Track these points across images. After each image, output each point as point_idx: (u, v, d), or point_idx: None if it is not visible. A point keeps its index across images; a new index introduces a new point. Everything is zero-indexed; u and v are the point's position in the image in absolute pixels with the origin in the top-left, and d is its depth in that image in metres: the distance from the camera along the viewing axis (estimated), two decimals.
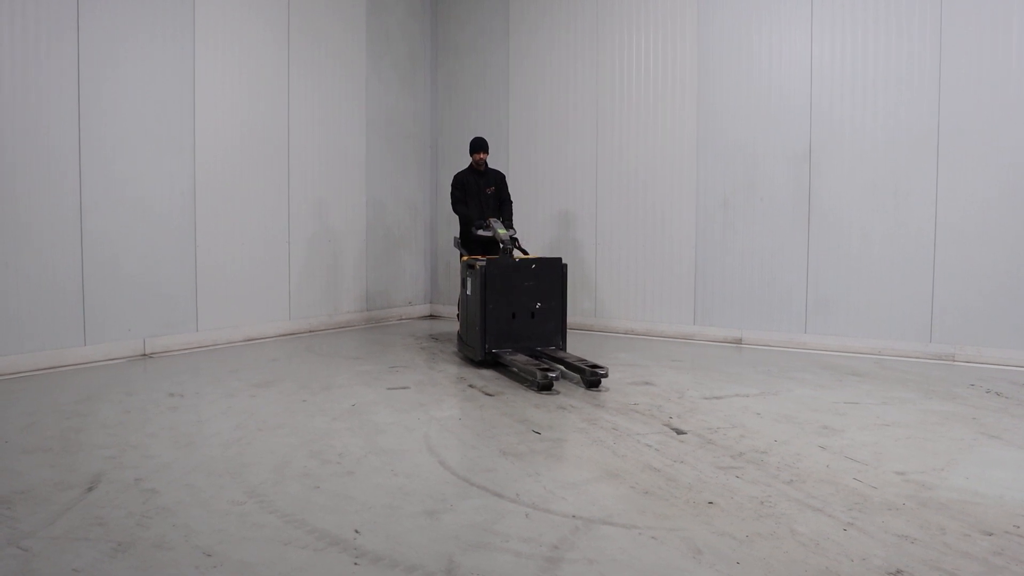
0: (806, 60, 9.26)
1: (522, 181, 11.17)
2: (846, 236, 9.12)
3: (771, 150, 9.50)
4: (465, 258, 8.45)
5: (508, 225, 9.02)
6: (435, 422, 5.97)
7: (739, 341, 9.72)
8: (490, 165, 11.55)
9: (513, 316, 7.93)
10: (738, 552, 3.70)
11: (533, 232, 11.02)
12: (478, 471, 4.84)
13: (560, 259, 8.21)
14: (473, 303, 8.04)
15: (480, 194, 9.32)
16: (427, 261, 12.40)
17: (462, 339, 8.53)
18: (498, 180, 9.50)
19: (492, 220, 8.70)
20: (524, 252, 8.71)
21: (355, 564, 3.52)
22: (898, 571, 3.51)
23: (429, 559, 3.57)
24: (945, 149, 8.56)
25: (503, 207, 9.43)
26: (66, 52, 7.71)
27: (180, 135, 8.73)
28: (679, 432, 5.73)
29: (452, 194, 9.39)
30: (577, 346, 9.20)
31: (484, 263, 7.84)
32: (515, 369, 7.66)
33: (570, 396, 6.86)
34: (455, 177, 9.46)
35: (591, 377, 7.06)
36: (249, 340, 9.50)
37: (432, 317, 12.11)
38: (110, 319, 8.16)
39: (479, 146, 9.34)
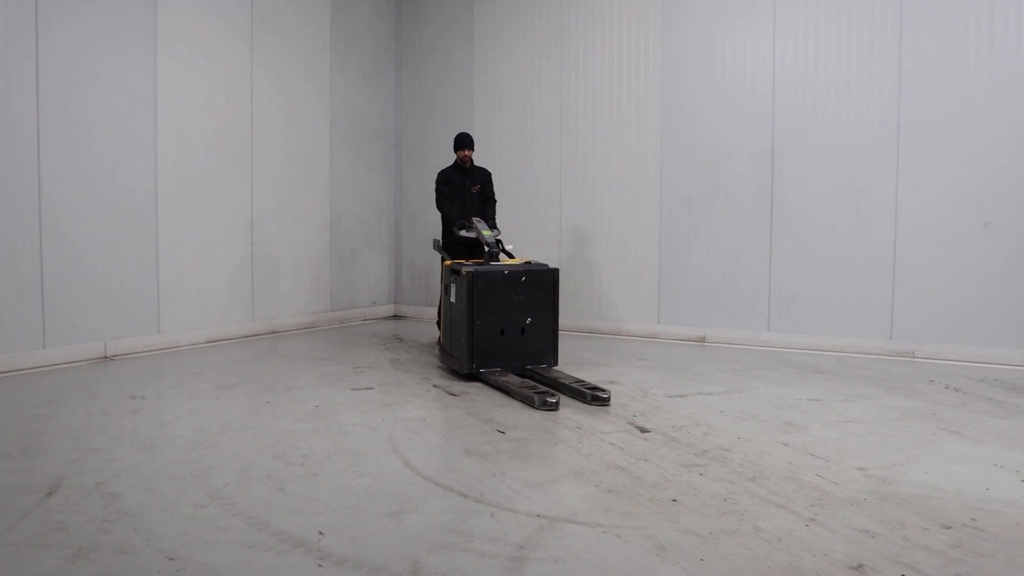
0: (769, 60, 9.33)
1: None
2: (809, 234, 9.20)
3: (734, 149, 9.56)
4: (449, 262, 7.87)
5: (492, 225, 8.47)
6: (400, 423, 5.96)
7: (703, 339, 9.77)
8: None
9: (502, 332, 7.39)
10: (702, 549, 3.72)
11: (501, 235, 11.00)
12: (443, 471, 4.84)
13: (551, 268, 7.65)
14: (458, 314, 7.47)
15: (465, 193, 8.85)
16: (391, 261, 12.36)
17: (445, 350, 7.90)
18: (484, 179, 9.04)
19: (475, 220, 8.27)
20: (509, 255, 8.20)
21: (319, 566, 3.51)
22: (859, 565, 3.55)
23: (394, 560, 3.57)
24: (905, 148, 8.66)
25: (486, 206, 8.97)
26: (25, 47, 7.61)
27: (143, 133, 8.64)
28: (643, 430, 5.75)
29: (437, 190, 8.85)
30: None
31: (472, 270, 7.28)
32: (507, 391, 6.92)
33: None
34: (440, 173, 8.94)
35: (592, 403, 6.52)
36: (212, 342, 9.44)
37: (396, 318, 12.08)
38: (70, 321, 8.07)
39: (464, 142, 8.89)
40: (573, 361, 8.42)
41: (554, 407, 6.32)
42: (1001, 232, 8.29)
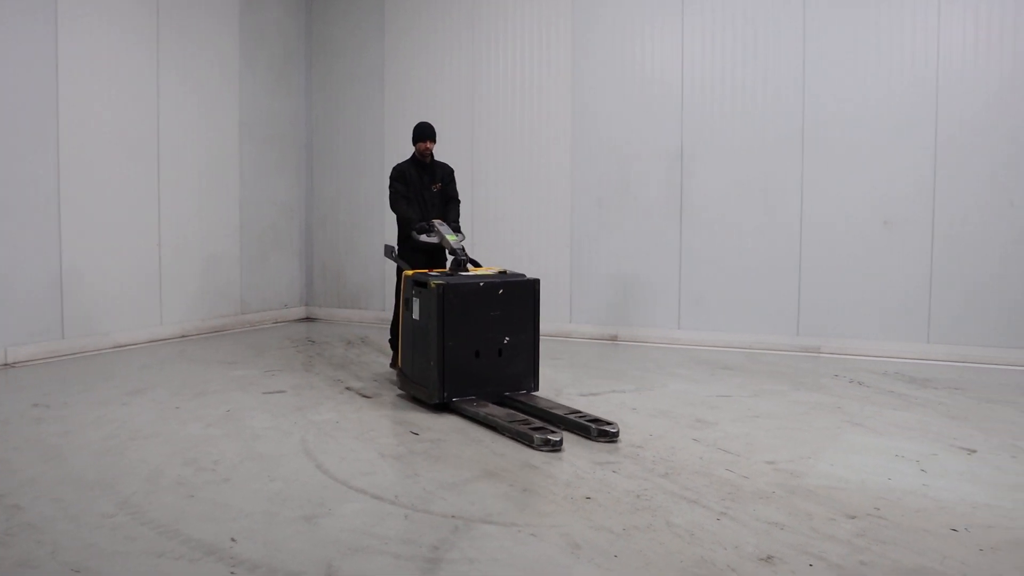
0: (677, 62, 9.46)
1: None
2: (718, 233, 9.36)
3: (644, 150, 9.68)
4: (410, 272, 6.84)
5: (456, 229, 7.45)
6: (313, 426, 5.91)
7: (615, 338, 9.87)
8: (368, 166, 11.50)
9: (477, 355, 6.37)
10: (616, 545, 3.77)
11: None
12: (357, 474, 4.81)
13: (530, 278, 6.68)
14: (424, 334, 6.40)
15: (424, 191, 7.68)
16: (303, 263, 12.22)
17: (406, 375, 6.78)
18: (446, 175, 7.86)
19: (437, 223, 7.28)
20: (475, 263, 7.03)
21: (232, 573, 3.46)
22: (769, 557, 3.63)
23: (308, 565, 3.54)
24: (809, 149, 8.88)
25: (449, 207, 7.83)
26: None
27: (43, 131, 8.36)
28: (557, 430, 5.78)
29: (392, 188, 7.63)
30: None
31: (442, 282, 6.26)
32: (492, 426, 5.84)
33: None
34: (395, 169, 7.71)
35: (599, 437, 5.51)
36: (119, 347, 9.22)
37: (309, 320, 11.95)
38: None
39: (425, 133, 7.68)
40: None
41: (558, 447, 5.30)
42: (900, 230, 8.56)
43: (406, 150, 11.03)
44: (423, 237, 7.28)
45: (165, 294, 9.86)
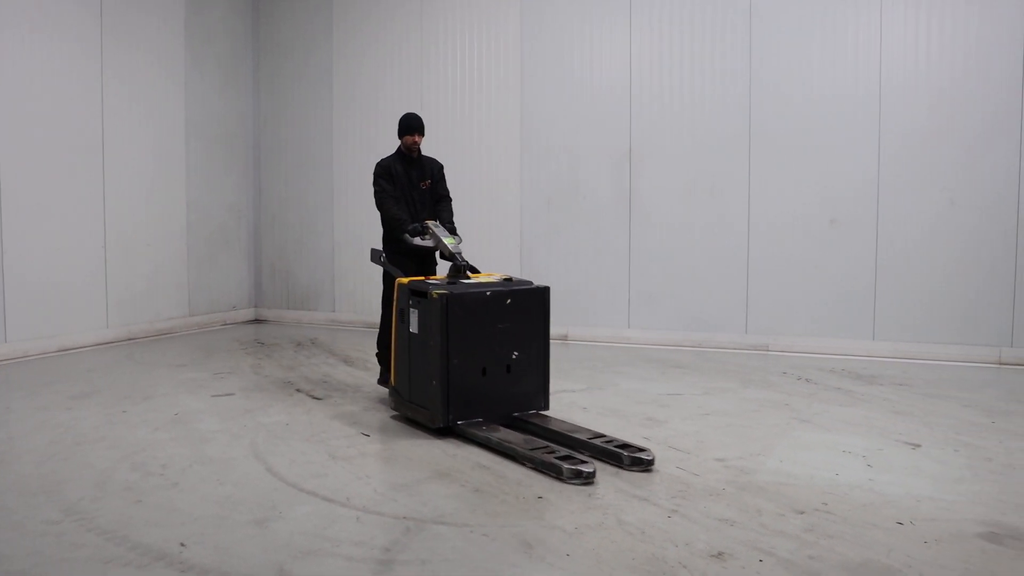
0: (626, 65, 9.52)
1: (348, 181, 11.06)
2: (667, 233, 9.43)
3: (594, 151, 9.72)
4: (404, 280, 6.10)
5: (452, 231, 6.74)
6: (263, 428, 5.86)
7: (566, 338, 9.90)
8: (318, 166, 11.42)
9: (484, 372, 5.69)
10: (568, 544, 3.78)
11: (354, 233, 10.90)
12: (308, 476, 4.78)
13: (540, 286, 6.04)
14: (424, 349, 5.70)
15: (413, 189, 6.94)
16: (251, 264, 12.11)
17: (401, 396, 6.04)
18: (435, 171, 7.14)
19: (432, 224, 6.51)
20: (474, 269, 6.36)
21: None
22: (719, 553, 3.66)
23: (259, 568, 3.51)
24: (757, 150, 8.98)
25: (440, 206, 7.11)
26: None
27: None
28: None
29: (377, 185, 6.89)
30: None
31: (444, 292, 5.56)
32: (510, 455, 5.15)
33: None
34: (380, 165, 6.97)
35: (632, 466, 4.91)
36: (65, 350, 9.07)
37: (258, 321, 11.85)
38: None
39: (412, 125, 6.95)
40: None
41: (591, 479, 4.65)
42: (846, 229, 8.68)
43: (355, 149, 11.07)
44: (416, 240, 6.54)
45: (111, 296, 9.72)
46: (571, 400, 6.72)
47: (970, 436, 5.61)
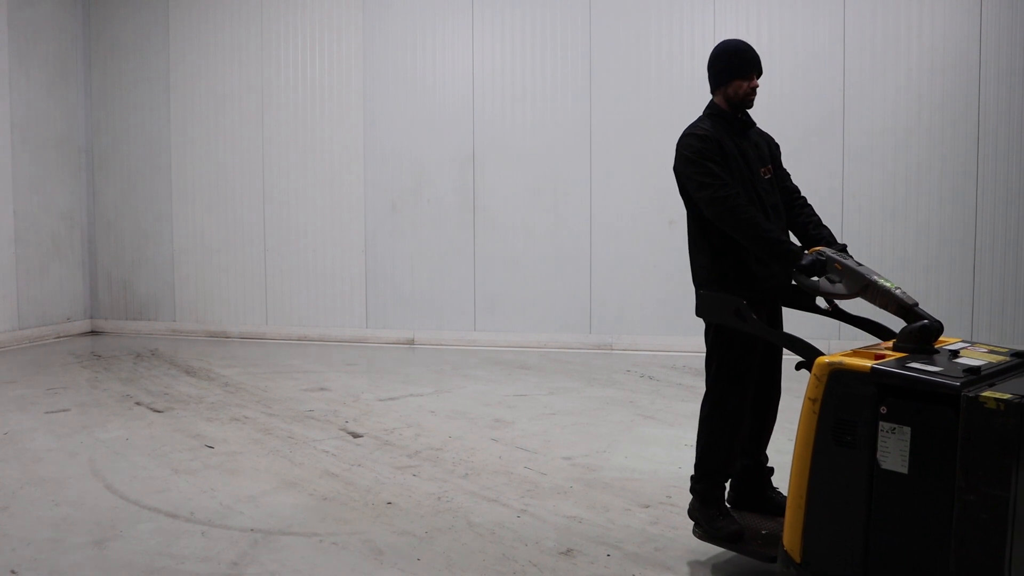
0: (468, 67, 9.54)
1: (189, 186, 10.72)
2: (511, 235, 9.50)
3: (437, 155, 9.71)
4: (839, 359, 3.00)
5: (841, 247, 3.69)
6: (101, 445, 5.61)
7: (412, 342, 9.86)
8: (154, 170, 11.03)
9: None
10: (419, 549, 3.76)
11: (195, 240, 10.60)
12: (149, 492, 4.61)
13: None
14: (919, 517, 2.75)
15: (753, 179, 3.92)
16: (86, 274, 11.59)
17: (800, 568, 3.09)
18: (774, 149, 4.18)
19: (836, 256, 3.48)
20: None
21: None
22: (569, 550, 3.71)
23: None
24: (597, 152, 9.14)
25: (797, 210, 4.13)
26: None
27: None
28: (356, 435, 5.73)
29: (702, 169, 3.86)
30: (247, 356, 8.98)
31: (1008, 397, 2.49)
32: None
33: (244, 408, 6.66)
34: (695, 136, 3.93)
35: None
36: None
37: (94, 333, 11.35)
38: None
39: (748, 62, 3.91)
40: (280, 370, 8.24)
41: None
42: (681, 231, 8.91)
43: (195, 152, 10.78)
44: (823, 284, 3.49)
45: None
46: (418, 404, 6.69)
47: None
